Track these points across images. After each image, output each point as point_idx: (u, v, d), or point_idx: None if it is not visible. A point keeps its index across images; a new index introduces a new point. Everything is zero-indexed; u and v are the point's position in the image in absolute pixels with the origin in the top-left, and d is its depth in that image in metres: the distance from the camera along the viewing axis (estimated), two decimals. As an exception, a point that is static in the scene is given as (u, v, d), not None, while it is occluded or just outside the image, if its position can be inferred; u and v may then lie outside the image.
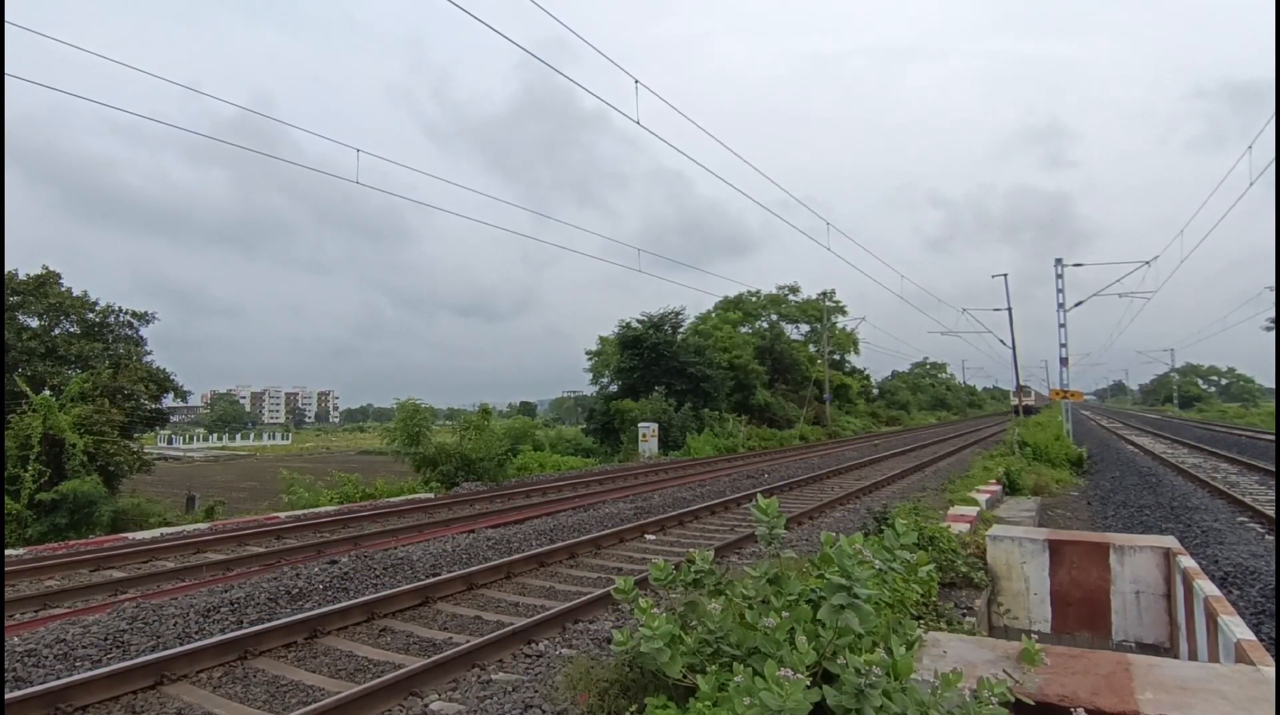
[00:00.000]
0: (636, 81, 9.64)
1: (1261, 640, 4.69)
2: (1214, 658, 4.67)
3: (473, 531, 11.21)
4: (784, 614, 3.01)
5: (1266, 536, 11.39)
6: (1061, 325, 27.20)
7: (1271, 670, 3.57)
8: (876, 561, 3.32)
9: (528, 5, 8.14)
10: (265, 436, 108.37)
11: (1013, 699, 2.88)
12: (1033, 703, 3.11)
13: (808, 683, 2.51)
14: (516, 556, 9.02)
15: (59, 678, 5.11)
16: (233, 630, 6.21)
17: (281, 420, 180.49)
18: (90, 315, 19.75)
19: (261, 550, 10.39)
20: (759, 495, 3.80)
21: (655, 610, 3.26)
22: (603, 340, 44.21)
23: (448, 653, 5.42)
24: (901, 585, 4.66)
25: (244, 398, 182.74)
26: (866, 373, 69.61)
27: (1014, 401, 71.28)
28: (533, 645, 5.96)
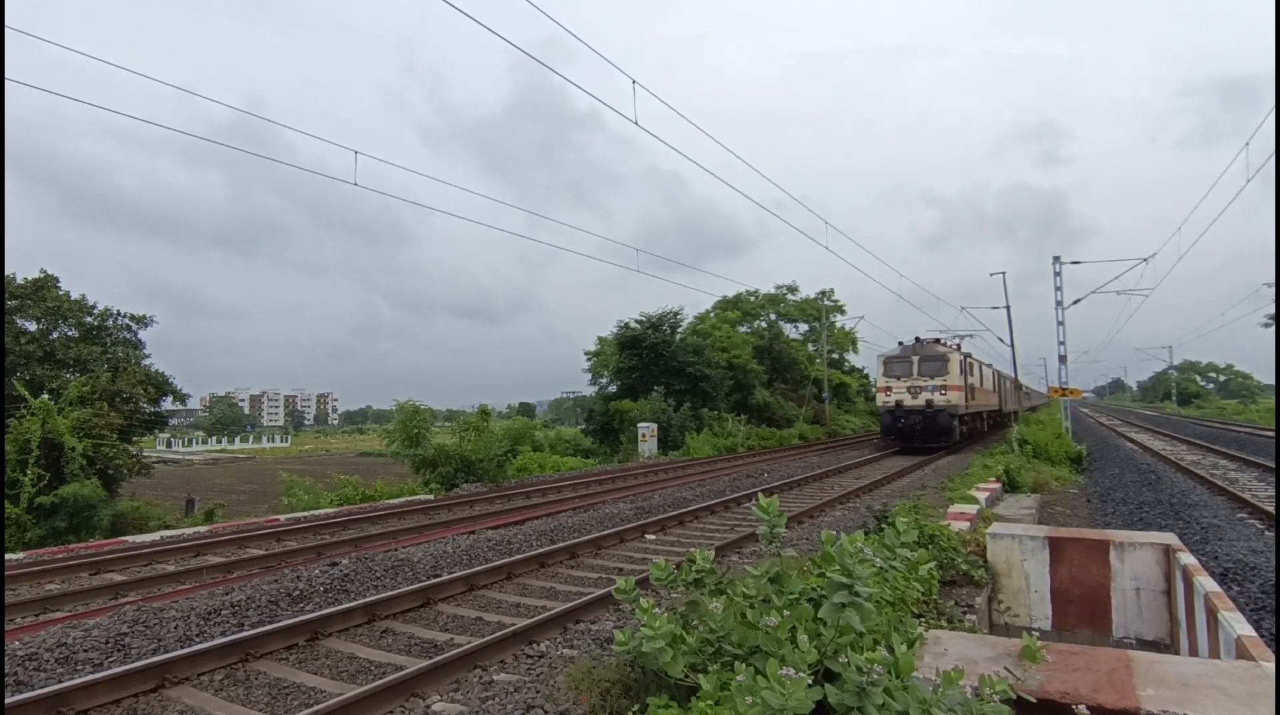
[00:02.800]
0: (634, 82, 9.64)
1: (1262, 636, 4.70)
2: (1215, 654, 4.68)
3: (473, 533, 11.21)
4: (785, 613, 3.02)
5: (1266, 532, 11.41)
6: (1060, 323, 27.25)
7: (1272, 666, 3.58)
8: (878, 560, 3.33)
9: (521, 6, 8.15)
10: (265, 439, 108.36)
11: (1014, 696, 2.89)
12: (1034, 700, 3.12)
13: (810, 681, 2.52)
14: (517, 557, 9.02)
15: (60, 681, 5.11)
16: (234, 633, 6.21)
17: (280, 423, 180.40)
18: (88, 319, 19.77)
19: (262, 553, 10.38)
20: (759, 494, 3.80)
21: (657, 610, 3.27)
22: (601, 341, 44.19)
23: (449, 654, 5.42)
24: (902, 583, 4.67)
25: (243, 400, 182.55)
26: (866, 371, 69.60)
27: (883, 396, 28.43)
28: (534, 646, 5.96)
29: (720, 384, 38.32)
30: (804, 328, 60.43)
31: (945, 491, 14.29)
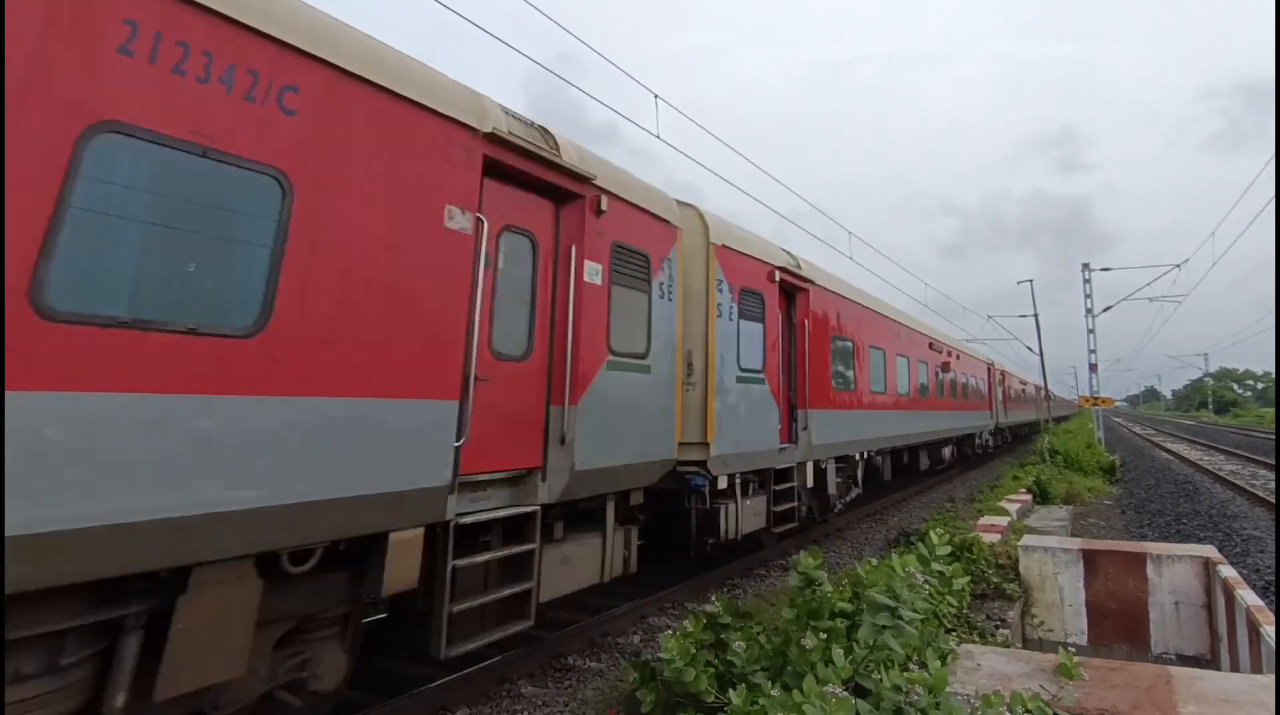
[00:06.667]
0: (656, 96, 9.73)
1: (1308, 652, 4.56)
2: (1256, 669, 4.57)
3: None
4: (823, 635, 3.01)
5: (1310, 545, 11.06)
6: (1090, 331, 26.78)
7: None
8: (919, 576, 3.29)
9: (539, 21, 8.28)
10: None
11: (1051, 713, 2.85)
12: (1071, 717, 3.07)
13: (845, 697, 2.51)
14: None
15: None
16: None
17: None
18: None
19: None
20: (802, 552, 3.77)
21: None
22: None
23: (477, 666, 5.45)
24: (936, 598, 4.62)
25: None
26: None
27: None
28: (562, 660, 5.97)
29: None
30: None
31: (975, 503, 14.07)
